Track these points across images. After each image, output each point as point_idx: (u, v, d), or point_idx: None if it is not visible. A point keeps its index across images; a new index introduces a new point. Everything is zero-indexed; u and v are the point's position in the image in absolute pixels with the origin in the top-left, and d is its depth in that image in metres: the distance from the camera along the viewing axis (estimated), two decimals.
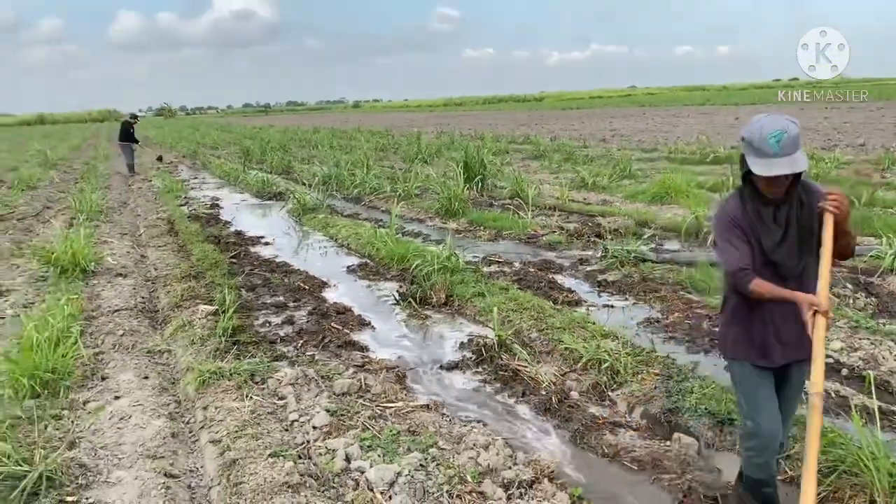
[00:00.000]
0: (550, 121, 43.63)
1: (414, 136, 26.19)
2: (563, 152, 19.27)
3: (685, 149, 18.86)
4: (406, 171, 15.07)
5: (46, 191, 15.31)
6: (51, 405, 4.24)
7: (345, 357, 5.19)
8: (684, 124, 32.71)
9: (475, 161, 13.37)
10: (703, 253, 7.55)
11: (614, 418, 4.21)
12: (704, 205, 9.74)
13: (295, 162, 20.61)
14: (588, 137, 26.32)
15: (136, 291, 7.03)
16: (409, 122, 51.10)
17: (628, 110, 56.31)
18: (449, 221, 10.75)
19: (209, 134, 40.60)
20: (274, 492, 3.21)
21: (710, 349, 5.08)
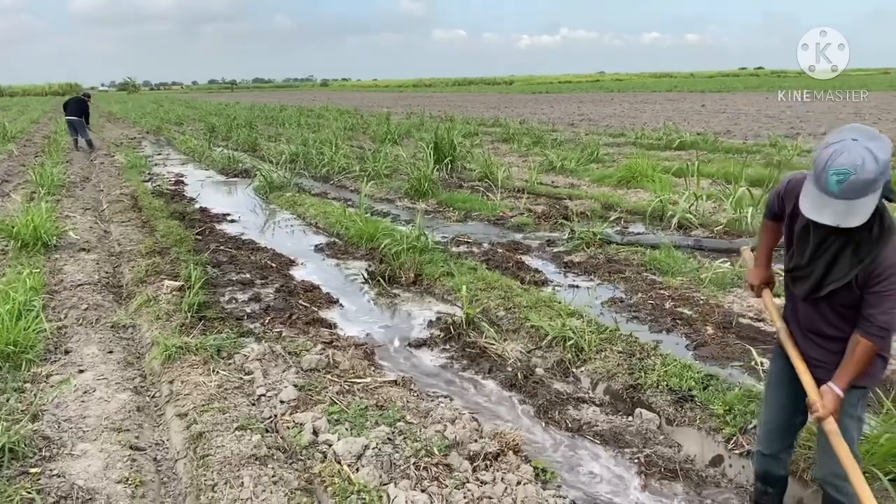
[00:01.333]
0: (520, 104, 43.68)
1: (383, 116, 26.01)
2: (532, 136, 19.33)
3: (652, 134, 19.06)
4: (375, 152, 14.99)
5: (5, 164, 14.91)
6: (12, 378, 4.18)
7: (313, 334, 5.19)
8: (651, 110, 33.03)
9: (445, 142, 13.36)
10: (667, 235, 7.68)
11: (578, 394, 4.29)
12: (669, 189, 9.88)
13: (261, 139, 20.37)
14: (557, 121, 26.45)
15: (100, 266, 6.92)
16: (379, 102, 50.73)
17: (597, 95, 56.64)
18: (418, 202, 10.75)
19: (174, 110, 39.84)
20: (241, 464, 3.22)
21: (672, 328, 5.20)
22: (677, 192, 9.81)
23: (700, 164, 11.38)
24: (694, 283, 6.17)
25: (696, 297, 5.83)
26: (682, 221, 8.26)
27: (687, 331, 5.13)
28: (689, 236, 7.79)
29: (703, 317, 5.36)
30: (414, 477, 3.11)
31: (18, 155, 16.93)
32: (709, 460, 3.57)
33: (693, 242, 7.45)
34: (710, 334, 5.02)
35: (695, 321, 5.28)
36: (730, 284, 6.09)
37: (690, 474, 3.45)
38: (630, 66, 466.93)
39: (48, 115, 38.12)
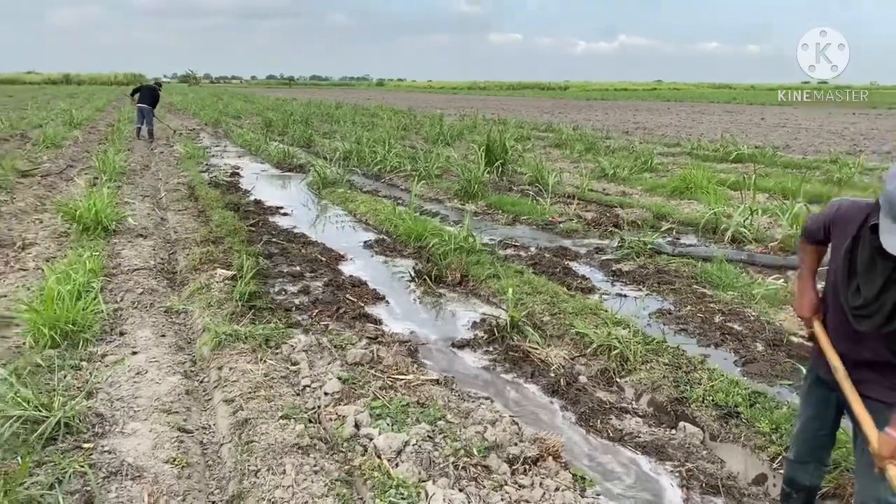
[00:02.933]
0: (574, 110, 43.38)
1: (437, 117, 26.14)
2: (585, 142, 19.18)
3: (708, 145, 18.72)
4: (427, 152, 15.08)
5: (70, 150, 15.43)
6: (70, 356, 4.33)
7: (358, 328, 5.25)
8: (708, 121, 32.44)
9: (497, 145, 13.36)
10: (719, 249, 7.54)
11: (621, 404, 4.26)
12: (723, 202, 9.70)
13: (316, 136, 20.66)
14: (611, 129, 26.18)
15: (156, 252, 7.12)
16: (433, 103, 50.96)
17: (653, 104, 55.85)
18: (467, 203, 10.77)
19: (232, 103, 40.70)
20: (284, 452, 3.29)
21: (721, 343, 5.10)
22: (732, 205, 9.62)
23: (757, 178, 11.15)
24: (745, 299, 6.05)
25: (747, 313, 5.71)
26: (736, 235, 8.10)
27: (736, 346, 5.04)
28: (742, 251, 7.64)
29: (754, 333, 5.25)
30: (453, 476, 3.13)
31: (83, 141, 17.51)
32: (752, 478, 3.51)
33: (746, 257, 7.30)
34: (760, 351, 4.91)
35: (744, 337, 5.17)
36: (782, 302, 5.95)
37: (732, 491, 3.39)
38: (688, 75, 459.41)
39: (112, 104, 39.35)
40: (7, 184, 9.89)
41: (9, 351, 4.30)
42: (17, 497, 2.69)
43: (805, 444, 2.77)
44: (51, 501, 2.77)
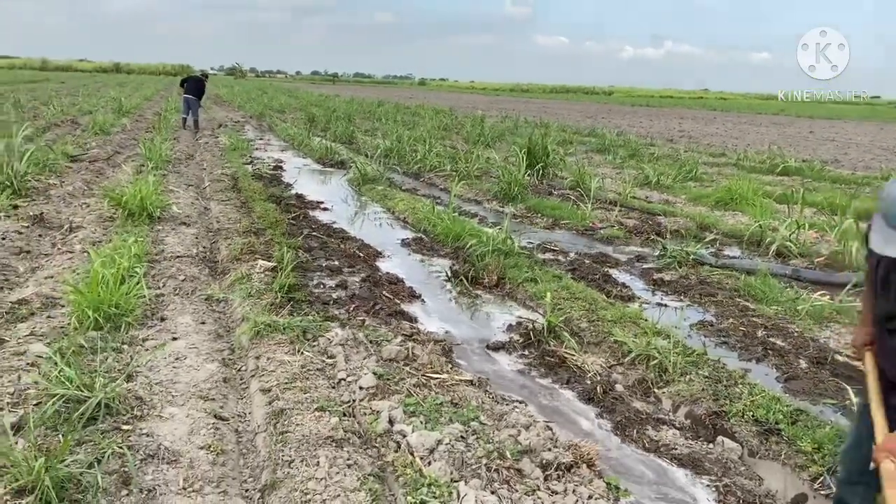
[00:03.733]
0: (618, 116, 42.97)
1: (478, 118, 26.11)
2: (628, 148, 18.99)
3: (754, 157, 18.38)
4: (468, 153, 15.07)
5: (119, 137, 15.78)
6: (112, 338, 4.40)
7: (394, 325, 5.25)
8: (755, 132, 31.85)
9: (538, 148, 13.29)
10: (764, 262, 7.38)
11: (658, 415, 4.18)
12: (769, 215, 9.50)
13: (358, 132, 20.80)
14: (655, 136, 25.87)
15: (199, 241, 7.23)
16: (475, 103, 50.92)
17: (699, 112, 55.07)
18: (507, 206, 10.73)
19: (277, 97, 41.22)
20: (318, 444, 3.30)
21: (763, 358, 4.99)
22: (778, 218, 9.41)
23: (805, 192, 10.90)
24: (789, 314, 5.91)
25: (791, 329, 5.57)
26: (781, 249, 7.93)
27: (778, 362, 4.92)
28: (787, 265, 7.46)
29: (797, 349, 5.12)
30: (485, 477, 3.10)
31: (131, 129, 17.89)
32: (791, 498, 3.41)
33: (791, 272, 7.14)
34: (803, 368, 4.79)
35: (787, 353, 5.05)
36: (827, 319, 5.80)
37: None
38: (736, 85, 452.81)
39: (160, 94, 40.14)
40: (57, 168, 10.14)
41: (54, 331, 4.39)
42: (57, 473, 2.73)
43: (854, 464, 2.68)
44: (89, 480, 2.81)
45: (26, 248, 6.18)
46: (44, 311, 4.73)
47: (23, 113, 17.55)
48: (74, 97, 27.19)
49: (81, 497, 2.74)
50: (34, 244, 6.38)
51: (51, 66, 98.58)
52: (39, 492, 2.66)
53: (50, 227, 7.04)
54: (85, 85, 41.56)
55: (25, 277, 5.51)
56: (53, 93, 28.97)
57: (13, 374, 3.68)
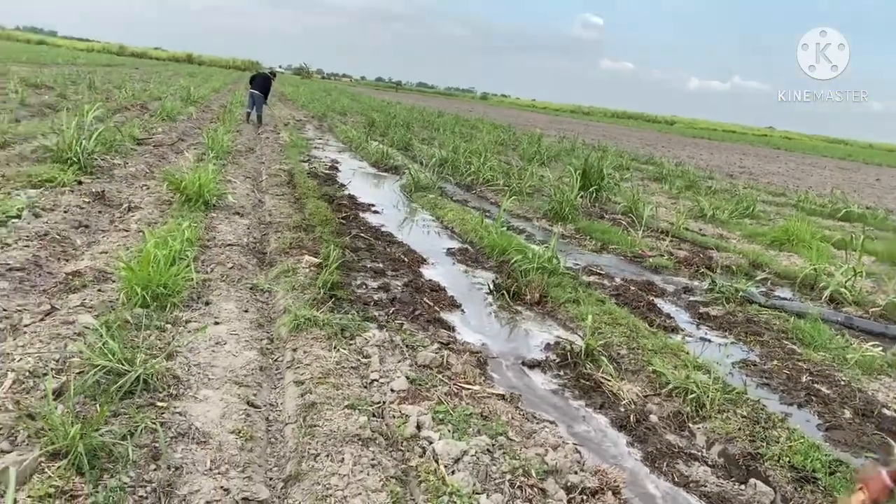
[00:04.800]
0: (678, 146, 42.40)
1: (535, 136, 26.06)
2: (685, 179, 18.70)
3: (816, 199, 17.91)
4: (522, 169, 15.05)
5: (184, 124, 16.21)
6: (157, 317, 4.51)
7: (431, 332, 5.26)
8: (819, 175, 31.06)
9: (594, 170, 13.19)
10: (815, 306, 7.17)
11: (691, 450, 4.08)
12: (826, 259, 9.23)
13: (415, 140, 20.96)
14: (715, 169, 25.44)
15: (250, 231, 7.37)
16: (534, 122, 50.85)
17: (762, 150, 53.97)
18: (556, 225, 10.66)
19: (340, 100, 41.85)
20: (345, 441, 3.32)
21: (805, 404, 4.84)
22: (834, 263, 9.13)
23: (865, 239, 10.56)
24: (837, 362, 5.72)
25: (838, 377, 5.39)
26: (835, 295, 7.69)
27: (821, 409, 4.76)
28: (839, 311, 7.23)
29: (842, 398, 4.95)
30: (507, 493, 3.08)
31: (196, 118, 18.37)
32: None
33: (843, 319, 6.91)
34: (847, 418, 4.63)
35: (832, 401, 4.88)
36: (877, 371, 5.60)
37: None
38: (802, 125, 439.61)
39: (228, 87, 41.19)
40: (123, 149, 10.46)
41: (103, 304, 4.51)
42: (91, 441, 2.81)
43: None
44: (121, 451, 2.88)
45: (85, 222, 6.38)
46: (95, 285, 4.87)
47: (96, 94, 18.17)
48: (146, 83, 28.06)
49: (111, 467, 2.81)
50: (93, 220, 6.59)
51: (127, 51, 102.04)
52: (73, 457, 2.73)
53: (110, 204, 7.26)
54: (157, 72, 42.85)
55: (82, 251, 5.69)
56: (127, 77, 29.96)
57: (61, 341, 3.79)
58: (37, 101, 14.55)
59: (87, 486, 2.66)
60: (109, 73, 33.06)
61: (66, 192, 7.12)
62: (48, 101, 15.21)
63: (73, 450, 2.74)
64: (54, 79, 21.04)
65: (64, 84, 19.68)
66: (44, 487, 2.58)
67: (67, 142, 8.36)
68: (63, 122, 8.85)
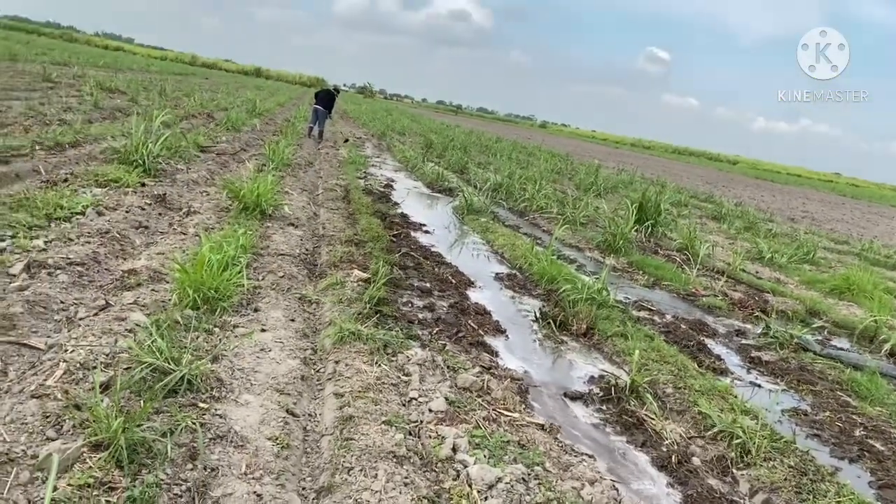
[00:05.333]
0: (739, 186, 41.59)
1: (593, 166, 25.89)
2: (745, 220, 18.30)
3: (881, 250, 17.27)
4: (577, 199, 14.95)
5: (247, 135, 16.62)
6: (206, 320, 4.59)
7: (474, 355, 5.22)
8: (886, 224, 30.00)
9: (651, 205, 13.00)
10: (874, 359, 6.88)
11: (733, 496, 3.94)
12: (888, 311, 8.87)
13: (471, 164, 21.03)
14: (776, 212, 24.83)
15: (303, 243, 7.48)
16: (592, 152, 50.57)
17: (827, 196, 52.48)
18: (608, 257, 10.52)
19: (400, 120, 42.39)
20: (380, 457, 3.30)
21: (857, 459, 4.63)
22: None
23: None
24: (894, 419, 5.47)
25: (894, 434, 5.15)
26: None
27: (874, 466, 4.55)
28: None
29: None
30: None
31: (260, 130, 18.82)
32: None
33: None
34: None
35: (886, 458, 4.66)
36: None
37: None
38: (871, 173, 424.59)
39: (293, 101, 42.12)
40: (187, 155, 10.77)
41: (155, 303, 4.62)
42: (132, 435, 2.86)
43: None
44: (160, 448, 2.92)
45: (145, 223, 6.56)
46: (150, 284, 4.99)
47: (166, 101, 18.80)
48: (214, 93, 28.95)
49: (149, 462, 2.85)
50: (153, 221, 6.78)
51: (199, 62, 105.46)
52: (114, 450, 2.79)
53: (170, 207, 7.46)
54: (226, 84, 44.17)
55: (139, 250, 5.85)
56: (196, 87, 30.95)
57: (112, 336, 3.89)
58: (109, 105, 15.12)
59: (125, 479, 2.71)
60: (180, 82, 34.21)
61: (129, 193, 7.35)
62: (120, 104, 15.78)
63: (115, 443, 2.80)
64: (127, 84, 21.84)
65: (136, 90, 20.40)
66: (84, 477, 2.63)
67: (134, 144, 8.65)
68: (132, 126, 9.17)
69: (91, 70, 27.20)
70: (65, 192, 6.54)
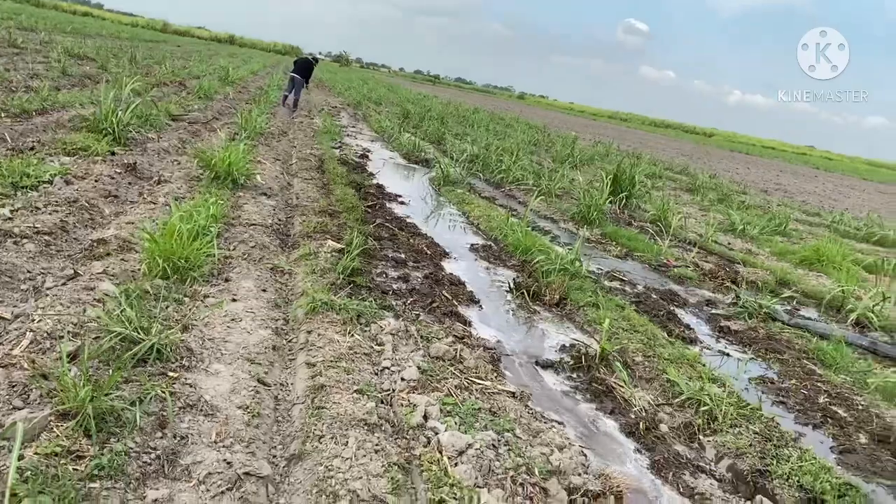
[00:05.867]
0: (714, 158, 41.89)
1: (570, 138, 25.90)
2: (718, 192, 18.48)
3: (851, 222, 17.57)
4: (553, 171, 14.97)
5: (220, 104, 16.36)
6: (176, 289, 4.55)
7: (447, 325, 5.25)
8: (857, 197, 30.49)
9: (625, 177, 13.05)
10: (840, 328, 7.04)
11: (699, 462, 4.03)
12: (855, 282, 9.06)
13: (448, 135, 20.93)
14: (750, 184, 25.09)
15: (275, 213, 7.42)
16: (569, 124, 50.56)
17: (800, 168, 53.09)
18: (582, 228, 10.59)
19: (376, 90, 41.96)
20: (351, 424, 3.32)
21: (820, 425, 4.75)
22: (864, 287, 8.95)
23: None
24: (857, 386, 5.61)
25: (856, 401, 5.29)
26: (861, 319, 7.53)
27: (836, 432, 4.67)
28: (865, 335, 7.08)
29: (859, 423, 4.85)
30: (509, 489, 3.06)
31: (233, 98, 18.52)
32: None
33: (868, 343, 6.77)
34: (862, 443, 4.53)
35: (848, 424, 4.79)
36: None
37: None
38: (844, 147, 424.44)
39: (266, 70, 41.51)
40: (158, 124, 10.58)
41: (124, 273, 4.57)
42: (100, 405, 2.84)
43: None
44: (129, 416, 2.91)
45: (115, 192, 6.46)
46: (119, 254, 4.93)
47: (136, 69, 18.40)
48: (186, 61, 28.35)
49: (118, 431, 2.84)
50: (123, 190, 6.67)
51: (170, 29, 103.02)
52: (81, 418, 2.77)
53: (140, 177, 7.35)
54: (198, 51, 43.24)
55: (109, 220, 5.77)
56: (168, 54, 30.28)
57: (80, 306, 3.85)
58: (78, 72, 14.76)
59: (94, 447, 2.70)
60: (151, 49, 33.45)
61: (98, 162, 7.22)
62: (89, 72, 15.42)
63: (83, 412, 2.78)
64: (96, 51, 21.31)
65: (106, 56, 19.91)
66: (51, 446, 2.62)
67: (104, 112, 8.47)
68: (101, 94, 8.98)
69: (59, 36, 26.46)
70: (31, 161, 6.40)
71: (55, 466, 2.52)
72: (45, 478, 2.43)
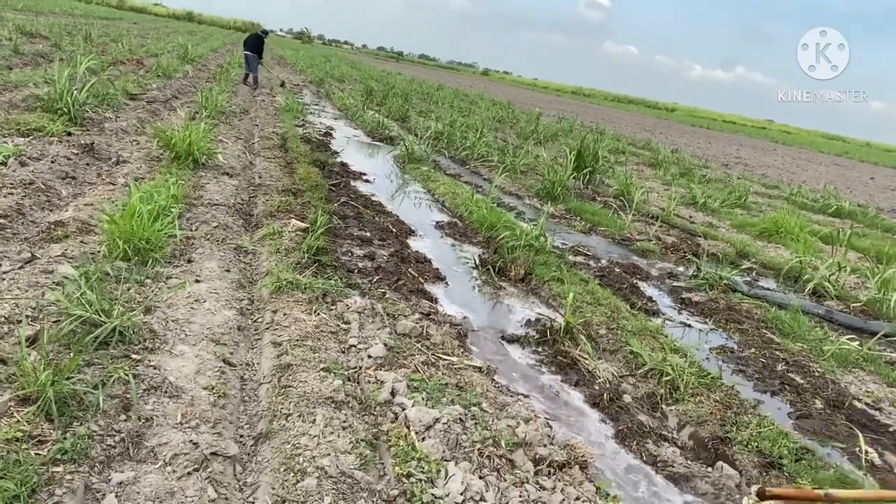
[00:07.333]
0: (676, 133, 42.34)
1: (534, 115, 25.94)
2: (680, 166, 18.72)
3: (808, 194, 17.97)
4: (517, 147, 15.00)
5: (179, 82, 16.01)
6: (137, 271, 4.48)
7: (413, 302, 5.27)
8: (814, 170, 31.13)
9: (589, 152, 13.14)
10: (797, 298, 7.22)
11: (661, 430, 4.13)
12: (812, 253, 9.29)
13: (412, 112, 20.82)
14: (711, 159, 25.45)
15: (238, 193, 7.32)
16: (534, 101, 50.59)
17: (759, 142, 53.96)
18: (547, 204, 10.63)
19: (339, 67, 41.48)
20: (318, 402, 3.33)
21: (778, 392, 4.89)
22: (820, 257, 9.19)
23: (853, 235, 10.62)
24: (814, 353, 5.78)
25: (813, 368, 5.45)
26: (818, 288, 7.74)
27: (793, 398, 4.82)
28: (821, 304, 7.29)
29: (815, 389, 5.01)
30: (476, 462, 3.10)
31: (192, 77, 18.14)
32: None
33: (824, 312, 6.96)
34: (818, 408, 4.68)
35: (804, 391, 4.94)
36: (852, 364, 5.66)
37: None
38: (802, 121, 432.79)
39: (226, 47, 40.65)
40: (115, 103, 10.33)
41: (84, 255, 4.49)
42: (62, 388, 2.81)
43: None
44: (91, 400, 2.88)
45: (72, 174, 6.32)
46: (78, 236, 4.83)
47: (91, 47, 17.89)
48: (144, 39, 27.65)
49: (81, 415, 2.81)
50: (80, 171, 6.52)
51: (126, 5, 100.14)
52: (42, 402, 2.73)
53: (98, 157, 7.18)
54: (156, 29, 42.18)
55: (66, 202, 5.64)
56: (125, 31, 29.47)
57: (38, 290, 3.78)
58: (30, 50, 14.31)
59: (56, 432, 2.67)
60: (107, 27, 32.53)
61: (54, 143, 7.03)
62: (42, 50, 14.96)
63: (44, 396, 2.74)
64: (49, 28, 20.67)
65: (59, 34, 19.33)
66: (11, 431, 2.58)
67: (58, 92, 8.25)
68: (55, 72, 8.73)
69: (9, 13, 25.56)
70: None
71: (16, 451, 2.48)
72: (6, 463, 2.40)
